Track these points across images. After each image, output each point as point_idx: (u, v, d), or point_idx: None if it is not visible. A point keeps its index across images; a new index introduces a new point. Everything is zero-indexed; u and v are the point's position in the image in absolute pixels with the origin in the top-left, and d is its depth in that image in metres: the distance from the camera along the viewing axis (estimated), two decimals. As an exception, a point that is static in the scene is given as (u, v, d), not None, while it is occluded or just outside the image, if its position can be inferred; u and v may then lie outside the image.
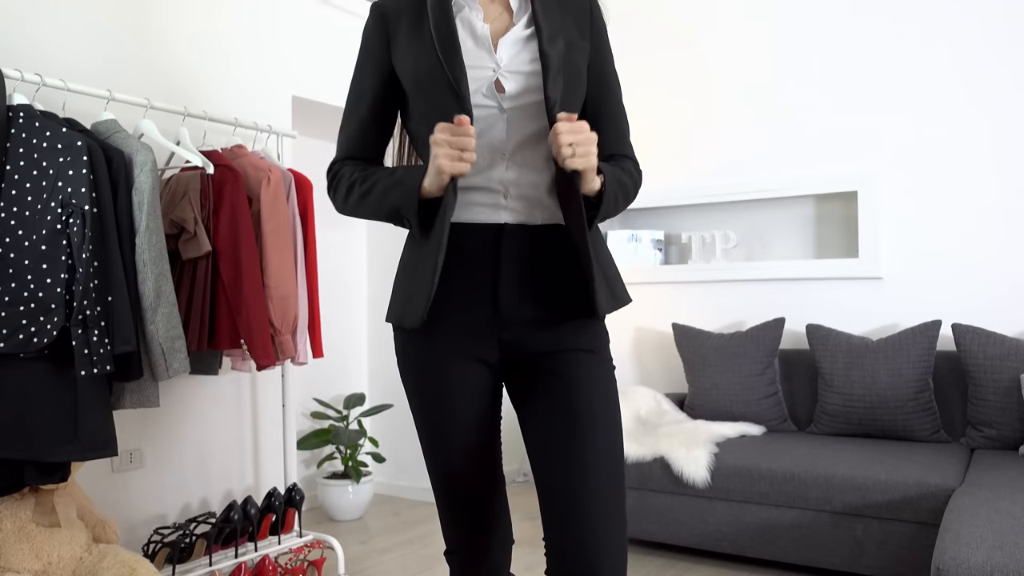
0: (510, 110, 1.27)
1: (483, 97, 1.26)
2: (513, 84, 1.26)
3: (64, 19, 2.45)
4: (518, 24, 1.30)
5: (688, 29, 3.91)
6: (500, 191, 1.28)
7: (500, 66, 1.27)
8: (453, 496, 1.35)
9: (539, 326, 1.30)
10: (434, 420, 1.33)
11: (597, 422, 1.25)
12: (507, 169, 1.28)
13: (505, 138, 1.27)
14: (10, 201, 1.89)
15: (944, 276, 3.27)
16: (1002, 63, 3.16)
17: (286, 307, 2.47)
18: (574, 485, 1.21)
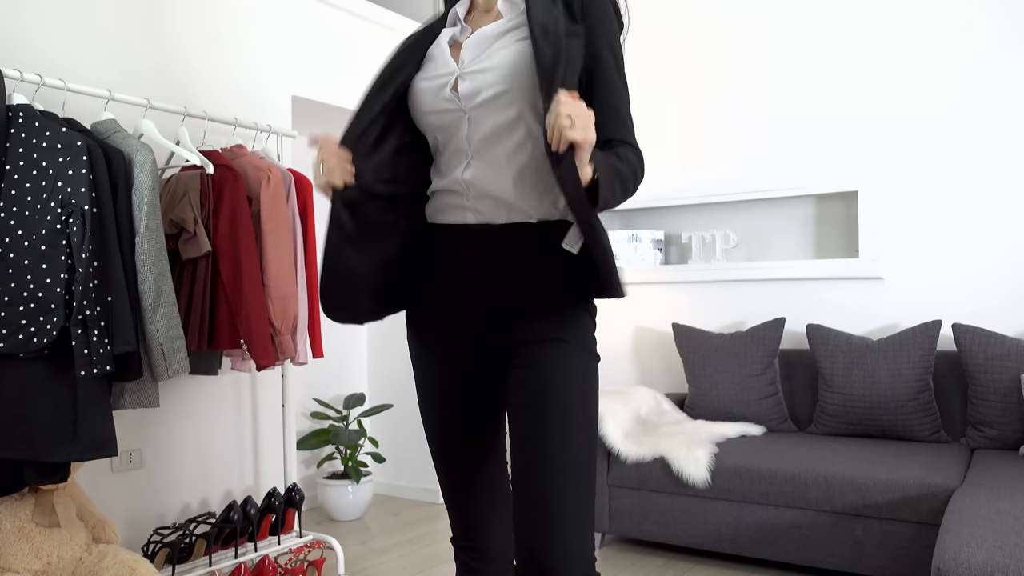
0: (470, 110, 1.27)
1: (445, 101, 1.29)
2: (468, 84, 1.26)
3: (64, 19, 2.45)
4: (496, 23, 1.29)
5: (688, 29, 3.91)
6: (462, 192, 1.31)
7: (459, 69, 1.29)
8: (457, 484, 1.40)
9: (505, 319, 1.29)
10: (425, 409, 1.42)
11: (559, 415, 1.23)
12: (466, 169, 1.29)
13: (466, 139, 1.29)
14: (10, 201, 1.89)
15: (944, 276, 3.27)
16: (1002, 63, 3.16)
17: (286, 307, 2.47)
18: (532, 480, 1.21)
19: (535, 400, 1.24)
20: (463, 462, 1.39)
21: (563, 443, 1.22)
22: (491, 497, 1.41)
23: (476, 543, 1.42)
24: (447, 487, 1.43)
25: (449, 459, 1.40)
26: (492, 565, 1.43)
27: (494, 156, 1.28)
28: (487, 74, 1.25)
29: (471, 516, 1.41)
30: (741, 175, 3.75)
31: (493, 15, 1.34)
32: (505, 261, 1.29)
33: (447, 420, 1.39)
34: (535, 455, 1.22)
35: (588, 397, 1.27)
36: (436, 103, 1.29)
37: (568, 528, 1.18)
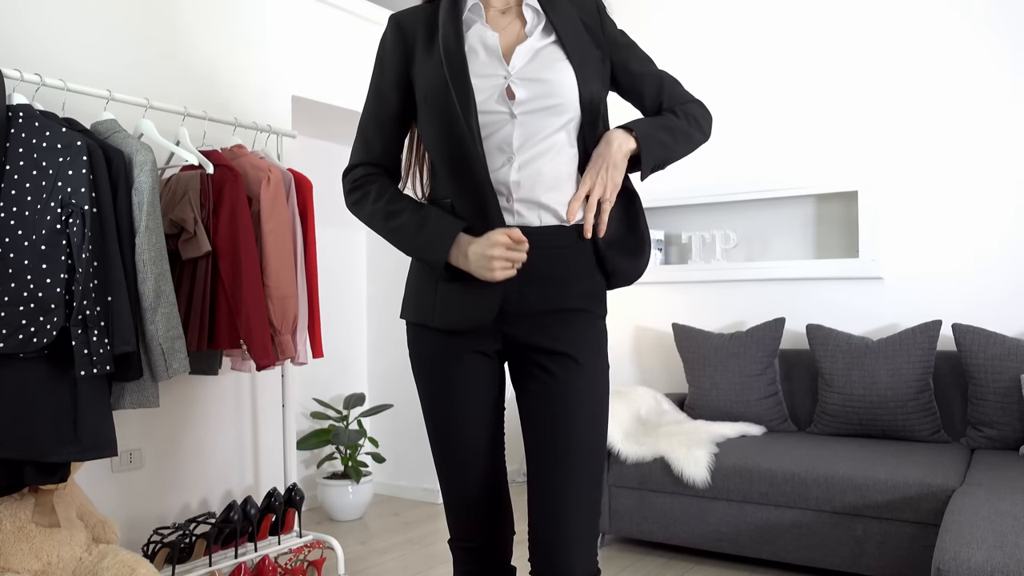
0: (520, 115, 1.32)
1: (495, 103, 1.32)
2: (524, 91, 1.32)
3: (64, 19, 2.45)
4: (533, 35, 1.37)
5: (688, 30, 3.91)
6: (504, 194, 1.33)
7: (511, 74, 1.33)
8: (458, 483, 1.40)
9: (538, 322, 1.36)
10: (441, 410, 1.40)
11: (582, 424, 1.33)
12: (512, 171, 1.32)
13: (512, 141, 1.32)
14: (10, 201, 1.89)
15: (944, 276, 3.27)
16: (1002, 64, 3.16)
17: (286, 307, 2.47)
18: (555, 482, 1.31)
19: (562, 412, 1.32)
20: (470, 461, 1.40)
21: (585, 456, 1.32)
22: (495, 497, 1.42)
23: (479, 545, 1.43)
24: (450, 486, 1.42)
25: (457, 457, 1.40)
26: (492, 566, 1.44)
27: (539, 160, 1.33)
28: (541, 85, 1.32)
29: (477, 518, 1.41)
30: (741, 175, 3.75)
31: (509, 18, 1.40)
32: (543, 264, 1.34)
33: (460, 418, 1.39)
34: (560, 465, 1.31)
35: (605, 402, 1.36)
36: (485, 103, 1.32)
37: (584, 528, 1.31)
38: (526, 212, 1.34)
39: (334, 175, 4.11)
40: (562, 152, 1.35)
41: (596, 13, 1.44)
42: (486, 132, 1.32)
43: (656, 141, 1.34)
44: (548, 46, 1.36)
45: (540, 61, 1.34)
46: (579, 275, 1.37)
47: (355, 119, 3.63)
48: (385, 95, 1.42)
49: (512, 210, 1.33)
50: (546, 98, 1.32)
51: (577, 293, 1.36)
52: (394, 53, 1.40)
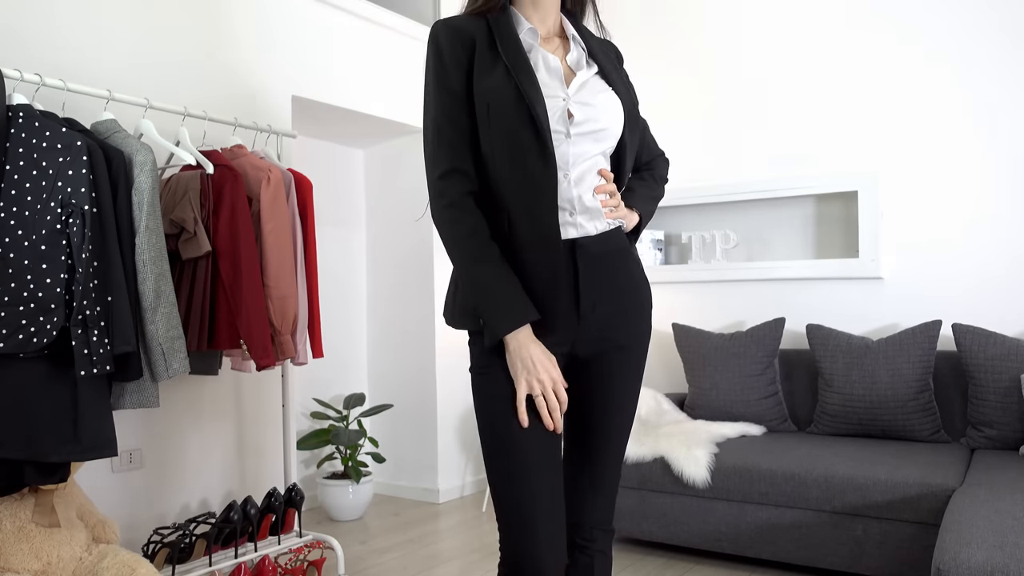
0: (575, 135, 1.41)
1: (555, 122, 1.39)
2: (580, 113, 1.41)
3: (64, 19, 2.45)
4: (579, 61, 1.48)
5: (688, 30, 3.91)
6: (567, 209, 1.41)
7: (569, 96, 1.41)
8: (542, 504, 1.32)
9: (606, 324, 1.45)
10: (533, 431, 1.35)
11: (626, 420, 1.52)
12: (571, 186, 1.41)
13: (570, 160, 1.41)
14: (9, 201, 1.89)
15: (944, 276, 3.27)
16: (1002, 64, 3.16)
17: (286, 307, 2.47)
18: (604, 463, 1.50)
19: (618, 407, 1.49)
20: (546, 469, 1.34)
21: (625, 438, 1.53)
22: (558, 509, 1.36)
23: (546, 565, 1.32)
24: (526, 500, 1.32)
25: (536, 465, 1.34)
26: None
27: (590, 176, 1.44)
28: (595, 110, 1.42)
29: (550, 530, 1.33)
30: (741, 175, 3.75)
31: (553, 44, 1.49)
32: (607, 267, 1.45)
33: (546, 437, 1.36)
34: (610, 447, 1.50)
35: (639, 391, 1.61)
36: (549, 120, 1.38)
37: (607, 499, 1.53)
38: (586, 223, 1.43)
39: (334, 175, 4.12)
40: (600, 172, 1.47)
41: (619, 61, 1.60)
42: None
43: (648, 217, 1.58)
44: (593, 77, 1.47)
45: (591, 88, 1.44)
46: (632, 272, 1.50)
47: (355, 119, 3.63)
48: (458, 96, 1.39)
49: (575, 223, 1.41)
50: (594, 122, 1.42)
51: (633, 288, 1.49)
52: (455, 56, 1.40)
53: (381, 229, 4.17)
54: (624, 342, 1.47)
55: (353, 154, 4.22)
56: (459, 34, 1.41)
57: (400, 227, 4.08)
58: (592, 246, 1.43)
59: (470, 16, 1.45)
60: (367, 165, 4.24)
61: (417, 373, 4.01)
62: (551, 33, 1.49)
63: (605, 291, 1.44)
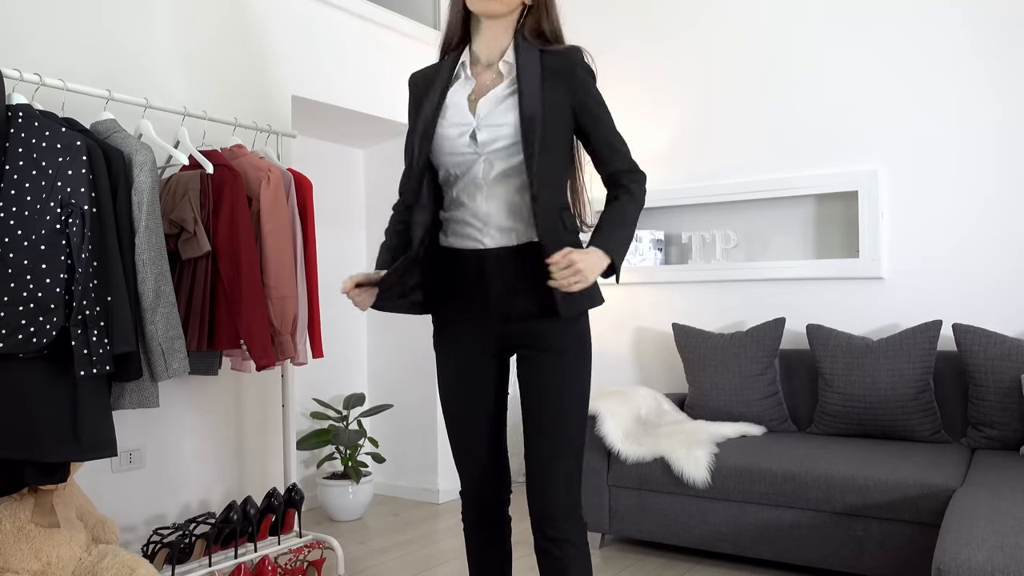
0: (486, 154, 1.61)
1: (464, 146, 1.61)
2: (485, 134, 1.60)
3: (63, 19, 2.45)
4: (501, 85, 1.64)
5: (688, 29, 3.91)
6: (481, 223, 1.63)
7: (476, 122, 1.61)
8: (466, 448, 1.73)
9: (524, 325, 1.65)
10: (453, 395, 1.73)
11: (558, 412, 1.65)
12: (484, 202, 1.62)
13: (481, 177, 1.62)
14: (9, 201, 1.89)
15: (944, 276, 3.26)
16: (1003, 63, 3.16)
17: (285, 307, 2.47)
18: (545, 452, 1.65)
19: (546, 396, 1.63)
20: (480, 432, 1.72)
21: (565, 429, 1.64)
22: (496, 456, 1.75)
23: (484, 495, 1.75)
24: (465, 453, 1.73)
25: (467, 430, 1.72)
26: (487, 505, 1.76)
27: (507, 191, 1.62)
28: (501, 128, 1.60)
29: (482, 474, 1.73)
30: (741, 175, 3.75)
31: (493, 71, 1.67)
32: (519, 275, 1.63)
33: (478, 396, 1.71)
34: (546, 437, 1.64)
35: (585, 392, 1.66)
36: (456, 147, 1.62)
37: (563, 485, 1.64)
38: (499, 235, 1.63)
39: (334, 175, 4.11)
40: (523, 184, 1.62)
41: (571, 72, 1.64)
42: (462, 170, 1.63)
43: (623, 251, 1.62)
44: (511, 95, 1.62)
45: (500, 108, 1.61)
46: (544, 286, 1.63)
47: (355, 119, 3.64)
48: (410, 144, 1.68)
49: (489, 234, 1.63)
50: (503, 139, 1.59)
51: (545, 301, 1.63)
52: (411, 108, 1.74)
53: (381, 229, 4.17)
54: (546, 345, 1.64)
55: (353, 154, 4.22)
56: (415, 86, 1.74)
57: (400, 227, 4.08)
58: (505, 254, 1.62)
59: (439, 60, 1.74)
60: (367, 165, 4.24)
61: (417, 373, 4.01)
62: (494, 60, 1.67)
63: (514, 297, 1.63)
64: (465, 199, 1.64)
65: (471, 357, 1.70)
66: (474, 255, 1.64)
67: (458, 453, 1.75)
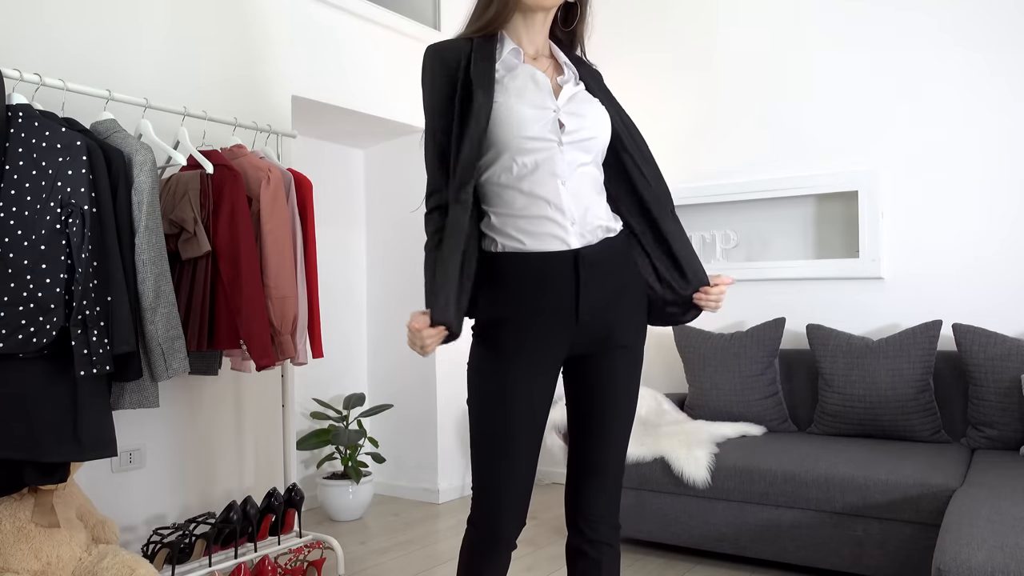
0: (567, 144, 1.51)
1: (548, 132, 1.49)
2: (572, 122, 1.52)
3: (63, 19, 2.45)
4: (569, 78, 1.59)
5: (688, 30, 3.91)
6: (569, 219, 1.50)
7: (559, 108, 1.51)
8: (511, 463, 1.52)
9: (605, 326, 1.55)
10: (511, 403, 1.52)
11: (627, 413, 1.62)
12: (567, 197, 1.50)
13: (564, 168, 1.50)
14: (9, 201, 1.89)
15: (945, 276, 3.26)
16: (1003, 64, 3.16)
17: (285, 307, 2.47)
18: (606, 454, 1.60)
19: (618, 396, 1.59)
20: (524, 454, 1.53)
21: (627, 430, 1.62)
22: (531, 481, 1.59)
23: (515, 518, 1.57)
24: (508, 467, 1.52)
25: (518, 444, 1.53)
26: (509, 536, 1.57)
27: (582, 184, 1.53)
28: (586, 120, 1.53)
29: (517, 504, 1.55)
30: (741, 175, 3.75)
31: (543, 64, 1.59)
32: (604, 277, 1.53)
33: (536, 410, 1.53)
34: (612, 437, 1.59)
35: (639, 390, 1.64)
36: (539, 130, 1.48)
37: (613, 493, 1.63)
38: (587, 233, 1.52)
39: (334, 175, 4.11)
40: (595, 178, 1.56)
41: (603, 84, 1.65)
42: (539, 158, 1.48)
43: None
44: (581, 92, 1.57)
45: (579, 99, 1.54)
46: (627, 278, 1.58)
47: (355, 119, 3.63)
48: (438, 125, 1.53)
49: (567, 228, 1.50)
50: (585, 131, 1.52)
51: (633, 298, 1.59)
52: (439, 82, 1.53)
53: (381, 229, 4.17)
54: (625, 342, 1.58)
55: (353, 154, 4.22)
56: (443, 59, 1.54)
57: (400, 227, 4.08)
58: (590, 255, 1.52)
59: (462, 38, 1.57)
60: (367, 165, 4.24)
61: (417, 373, 4.01)
62: (539, 54, 1.60)
63: (601, 299, 1.54)
64: (542, 192, 1.49)
65: (543, 363, 1.52)
66: (562, 257, 1.50)
67: (498, 470, 1.51)
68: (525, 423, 1.52)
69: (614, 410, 1.59)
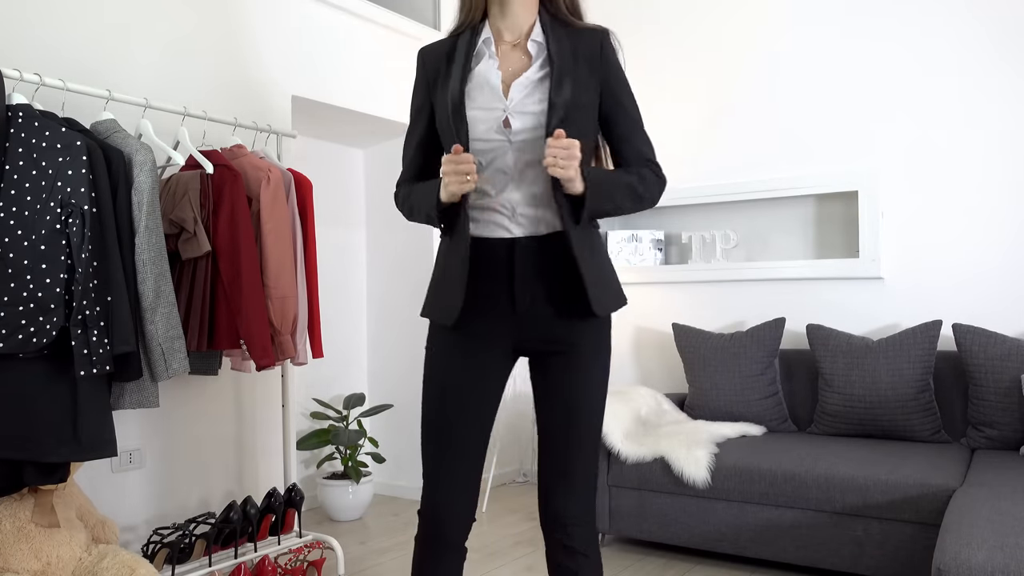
0: (517, 143, 1.52)
1: (494, 133, 1.52)
2: (519, 122, 1.52)
3: (63, 19, 2.45)
4: (532, 67, 1.55)
5: (688, 31, 3.91)
6: (509, 210, 1.54)
7: (509, 107, 1.52)
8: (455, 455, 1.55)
9: (548, 323, 1.55)
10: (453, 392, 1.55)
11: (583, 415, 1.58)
12: (514, 191, 1.53)
13: (512, 165, 1.53)
14: (9, 201, 1.89)
15: (945, 276, 3.26)
16: (1003, 64, 3.16)
17: (285, 307, 2.47)
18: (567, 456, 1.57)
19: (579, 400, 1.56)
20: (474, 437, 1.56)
21: (589, 433, 1.58)
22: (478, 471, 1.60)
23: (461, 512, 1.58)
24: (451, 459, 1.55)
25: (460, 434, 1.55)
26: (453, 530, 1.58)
27: (536, 181, 1.54)
28: (536, 117, 1.52)
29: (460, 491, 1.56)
30: (741, 175, 3.75)
31: (520, 50, 1.58)
32: (549, 268, 1.54)
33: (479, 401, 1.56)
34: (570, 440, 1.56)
35: (604, 395, 1.60)
36: (487, 133, 1.52)
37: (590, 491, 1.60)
38: (528, 224, 1.54)
39: (334, 175, 4.11)
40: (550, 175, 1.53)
41: (598, 51, 1.57)
42: (489, 157, 1.52)
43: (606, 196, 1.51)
44: (544, 79, 1.54)
45: (534, 94, 1.52)
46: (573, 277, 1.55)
47: (355, 119, 3.63)
48: (415, 123, 1.65)
49: (518, 222, 1.54)
50: (527, 132, 1.51)
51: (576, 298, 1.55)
52: (419, 84, 1.64)
53: (381, 229, 4.17)
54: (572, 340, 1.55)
55: (353, 154, 4.22)
56: (424, 63, 1.63)
57: (400, 227, 4.08)
58: (533, 244, 1.53)
59: (448, 37, 1.63)
60: (367, 165, 4.24)
61: (417, 373, 4.01)
62: (520, 38, 1.59)
63: (541, 291, 1.54)
64: (491, 189, 1.54)
65: (484, 352, 1.55)
66: (501, 244, 1.54)
67: (442, 461, 1.54)
68: (458, 415, 1.54)
69: (568, 414, 1.55)
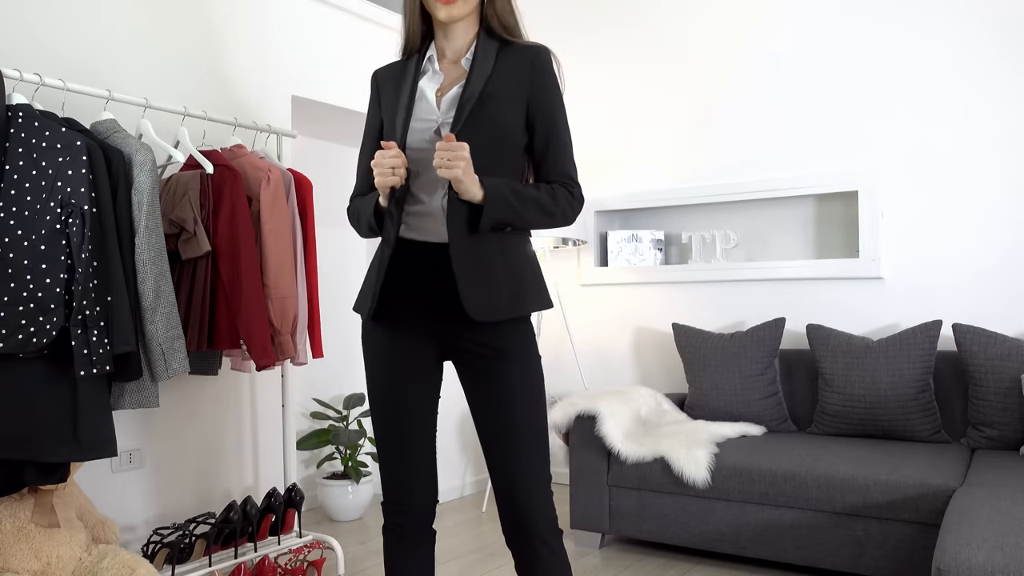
0: None
1: (427, 142, 1.61)
2: (446, 132, 1.59)
3: (63, 19, 2.45)
4: (457, 85, 1.64)
5: (687, 30, 3.91)
6: (440, 215, 1.60)
7: (439, 119, 1.61)
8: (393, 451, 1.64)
9: (466, 325, 1.61)
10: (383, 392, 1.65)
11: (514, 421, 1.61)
12: (441, 196, 1.60)
13: None
14: (9, 201, 1.89)
15: (945, 276, 3.27)
16: (1003, 63, 3.16)
17: (285, 307, 2.47)
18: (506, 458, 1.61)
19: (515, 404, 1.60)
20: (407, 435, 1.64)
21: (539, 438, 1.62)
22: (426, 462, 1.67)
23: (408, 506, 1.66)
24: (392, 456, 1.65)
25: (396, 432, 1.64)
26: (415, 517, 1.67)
27: None
28: None
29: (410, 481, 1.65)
30: (741, 175, 3.75)
31: (459, 67, 1.66)
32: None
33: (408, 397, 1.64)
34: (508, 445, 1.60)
35: (535, 394, 1.62)
36: (420, 142, 1.61)
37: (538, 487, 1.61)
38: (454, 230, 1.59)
39: (334, 175, 4.11)
40: None
41: (527, 67, 1.62)
42: (424, 165, 1.60)
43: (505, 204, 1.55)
44: (460, 99, 1.61)
45: (457, 109, 1.59)
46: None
47: (355, 119, 3.63)
48: (368, 140, 1.74)
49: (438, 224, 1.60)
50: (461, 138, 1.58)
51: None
52: (372, 103, 1.75)
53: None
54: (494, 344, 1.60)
55: (353, 154, 4.22)
56: (376, 83, 1.74)
57: (400, 227, 4.08)
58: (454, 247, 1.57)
59: (404, 58, 1.72)
60: (367, 165, 4.24)
61: (417, 373, 4.00)
62: (459, 56, 1.67)
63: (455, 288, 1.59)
64: (424, 196, 1.60)
65: (415, 353, 1.63)
66: (429, 247, 1.60)
67: (393, 457, 1.63)
68: (386, 415, 1.63)
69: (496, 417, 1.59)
